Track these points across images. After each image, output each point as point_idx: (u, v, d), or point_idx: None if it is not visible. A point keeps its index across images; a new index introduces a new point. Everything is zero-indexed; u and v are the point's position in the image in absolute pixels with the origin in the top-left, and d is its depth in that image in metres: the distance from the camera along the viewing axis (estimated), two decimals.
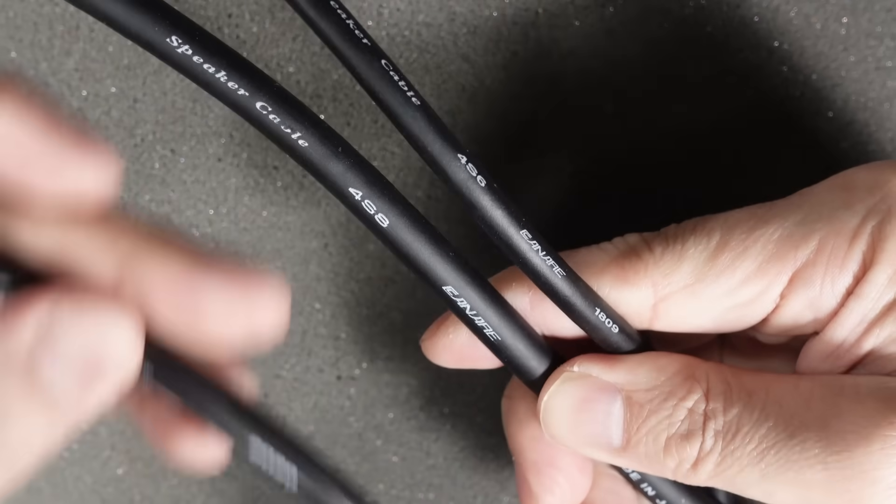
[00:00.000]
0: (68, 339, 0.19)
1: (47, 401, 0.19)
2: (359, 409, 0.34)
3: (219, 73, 0.22)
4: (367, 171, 0.23)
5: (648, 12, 0.31)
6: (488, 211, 0.24)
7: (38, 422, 0.19)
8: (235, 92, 0.22)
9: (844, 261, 0.24)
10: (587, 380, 0.25)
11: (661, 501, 0.28)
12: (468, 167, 0.23)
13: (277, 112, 0.22)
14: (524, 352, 0.26)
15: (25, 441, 0.20)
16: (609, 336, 0.26)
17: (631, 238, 0.27)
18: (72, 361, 0.19)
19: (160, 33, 0.21)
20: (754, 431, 0.23)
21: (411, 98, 0.23)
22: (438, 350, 0.27)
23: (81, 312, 0.19)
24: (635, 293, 0.25)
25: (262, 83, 0.22)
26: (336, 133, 0.23)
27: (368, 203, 0.23)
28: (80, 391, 0.20)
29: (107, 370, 0.20)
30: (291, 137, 0.23)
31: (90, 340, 0.19)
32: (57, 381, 0.19)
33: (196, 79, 0.22)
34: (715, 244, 0.25)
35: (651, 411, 0.24)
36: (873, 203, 0.24)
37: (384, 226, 0.24)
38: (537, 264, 0.24)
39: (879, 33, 0.31)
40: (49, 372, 0.19)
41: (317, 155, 0.23)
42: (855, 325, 0.24)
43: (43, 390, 0.19)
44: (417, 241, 0.24)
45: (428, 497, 0.35)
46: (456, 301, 0.25)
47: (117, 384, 0.20)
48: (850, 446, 0.23)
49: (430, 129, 0.23)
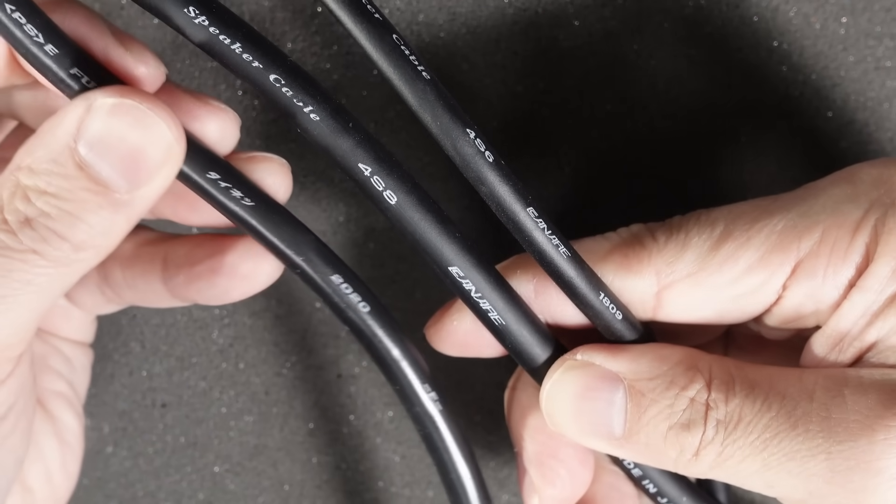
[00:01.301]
0: (105, 132, 0.21)
1: (102, 191, 0.21)
2: (359, 408, 0.34)
3: (234, 45, 0.22)
4: (377, 147, 0.23)
5: (648, 12, 0.31)
6: (495, 187, 0.24)
7: (104, 214, 0.21)
8: (250, 64, 0.22)
9: (847, 252, 0.24)
10: (590, 368, 0.25)
11: (662, 499, 0.28)
12: (476, 142, 0.23)
13: (290, 85, 0.23)
14: (528, 338, 0.26)
15: (99, 231, 0.22)
16: (612, 323, 0.25)
17: (635, 227, 0.27)
18: (113, 152, 0.21)
19: (177, 4, 0.21)
20: (756, 421, 0.23)
21: (422, 72, 0.23)
22: (442, 337, 0.27)
23: (117, 108, 0.21)
24: (638, 281, 0.25)
25: (277, 56, 0.23)
26: (347, 109, 0.23)
27: (377, 179, 0.23)
28: (129, 181, 0.21)
29: (150, 162, 0.21)
30: (303, 111, 0.23)
31: (128, 134, 0.21)
32: (104, 171, 0.21)
33: (212, 50, 0.22)
34: (718, 234, 0.25)
35: (653, 400, 0.24)
36: (877, 196, 0.24)
37: (392, 203, 0.24)
38: (542, 243, 0.24)
39: (879, 33, 0.31)
40: (91, 159, 0.21)
41: (328, 129, 0.23)
42: (858, 317, 0.24)
43: (94, 178, 0.21)
44: (425, 220, 0.24)
45: (427, 495, 0.35)
46: (461, 283, 0.25)
47: (163, 177, 0.22)
48: (853, 437, 0.22)
49: (439, 103, 0.23)
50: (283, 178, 0.26)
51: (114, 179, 0.21)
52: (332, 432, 0.34)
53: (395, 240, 0.33)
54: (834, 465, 0.23)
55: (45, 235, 0.21)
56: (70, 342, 0.30)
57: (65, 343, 0.30)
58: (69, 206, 0.21)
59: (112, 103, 0.21)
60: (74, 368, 0.30)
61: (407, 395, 0.27)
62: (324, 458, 0.35)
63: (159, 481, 0.35)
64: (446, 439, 0.27)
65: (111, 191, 0.21)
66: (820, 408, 0.23)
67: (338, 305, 0.25)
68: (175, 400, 0.34)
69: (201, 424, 0.34)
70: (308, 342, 0.34)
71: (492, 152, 0.24)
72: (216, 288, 0.27)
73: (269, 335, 0.34)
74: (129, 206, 0.22)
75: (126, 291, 0.29)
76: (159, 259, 0.28)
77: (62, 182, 0.21)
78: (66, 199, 0.21)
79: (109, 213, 0.22)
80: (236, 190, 0.24)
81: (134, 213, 0.22)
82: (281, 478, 0.35)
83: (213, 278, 0.27)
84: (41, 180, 0.21)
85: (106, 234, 0.22)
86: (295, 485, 0.35)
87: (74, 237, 0.21)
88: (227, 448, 0.34)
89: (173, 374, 0.34)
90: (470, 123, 0.23)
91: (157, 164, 0.22)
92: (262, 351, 0.34)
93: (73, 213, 0.21)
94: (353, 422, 0.34)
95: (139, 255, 0.29)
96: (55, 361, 0.30)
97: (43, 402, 0.29)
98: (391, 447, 0.34)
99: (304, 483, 0.35)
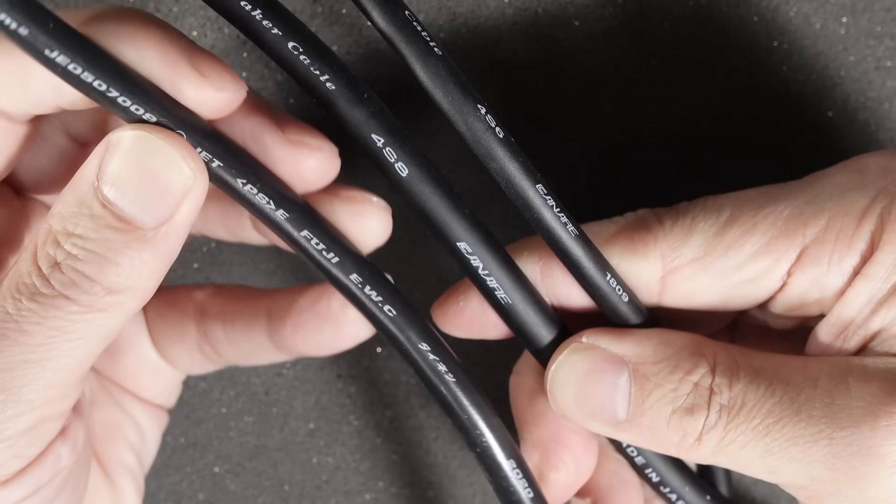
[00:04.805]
0: (123, 168, 0.21)
1: (127, 228, 0.21)
2: (359, 408, 0.34)
3: (255, 12, 0.22)
4: (391, 120, 0.24)
5: (648, 12, 0.31)
6: (505, 163, 0.24)
7: (131, 253, 0.21)
8: (269, 31, 0.22)
9: (852, 240, 0.24)
10: (595, 351, 0.25)
11: (664, 488, 0.28)
12: (487, 118, 0.23)
13: (308, 54, 0.23)
14: (533, 318, 0.26)
15: (128, 271, 0.21)
16: (618, 305, 0.25)
17: (641, 212, 0.27)
18: (133, 187, 0.21)
19: None
20: (760, 407, 0.23)
21: (433, 48, 0.23)
22: (448, 317, 0.27)
23: (133, 144, 0.21)
24: (644, 265, 0.25)
25: (296, 25, 0.23)
26: (361, 81, 0.23)
27: (389, 151, 0.24)
28: (152, 216, 0.21)
29: (171, 196, 0.21)
30: (320, 80, 0.23)
31: (146, 169, 0.21)
32: (126, 207, 0.21)
33: (231, 17, 0.22)
34: (724, 219, 0.25)
35: (657, 384, 0.24)
36: (884, 185, 0.24)
37: (403, 175, 0.24)
38: (550, 220, 0.24)
39: (879, 33, 0.31)
40: (114, 196, 0.21)
41: (343, 99, 0.23)
42: (862, 306, 0.24)
43: (117, 216, 0.21)
44: (435, 194, 0.24)
45: (427, 495, 0.35)
46: (469, 259, 0.25)
47: (186, 210, 0.22)
48: (856, 423, 0.22)
49: (451, 78, 0.23)
50: (382, 222, 0.26)
51: (137, 215, 0.21)
52: (332, 432, 0.34)
53: (395, 240, 0.33)
54: (836, 451, 0.23)
55: (75, 279, 0.21)
56: (149, 406, 0.30)
57: (142, 408, 0.30)
58: (96, 247, 0.21)
59: (129, 138, 0.21)
60: (146, 440, 0.30)
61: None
62: (324, 458, 0.35)
63: (159, 481, 0.35)
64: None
65: (135, 227, 0.21)
66: (823, 394, 0.23)
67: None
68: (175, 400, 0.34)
69: (201, 425, 0.34)
70: None
71: (502, 129, 0.24)
72: (324, 335, 0.27)
73: None
74: (156, 243, 0.21)
75: (227, 348, 0.29)
76: (263, 312, 0.28)
77: (88, 222, 0.21)
78: (92, 240, 0.21)
79: (137, 252, 0.21)
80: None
81: (163, 249, 0.22)
82: (281, 478, 0.35)
83: (321, 325, 0.27)
84: (69, 223, 0.21)
85: (138, 275, 0.22)
86: (295, 485, 0.35)
87: (105, 279, 0.21)
88: (227, 448, 0.34)
89: None
90: (481, 100, 0.23)
91: (177, 197, 0.21)
92: None
93: (101, 252, 0.21)
94: (353, 422, 0.34)
95: (241, 310, 0.29)
96: (129, 432, 0.30)
97: (108, 471, 0.29)
98: (391, 447, 0.34)
99: (304, 483, 0.35)
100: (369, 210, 0.26)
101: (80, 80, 0.20)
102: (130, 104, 0.21)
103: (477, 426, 0.26)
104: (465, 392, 0.26)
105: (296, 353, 0.28)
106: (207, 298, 0.29)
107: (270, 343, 0.28)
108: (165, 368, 0.30)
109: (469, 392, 0.26)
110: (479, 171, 0.25)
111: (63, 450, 0.23)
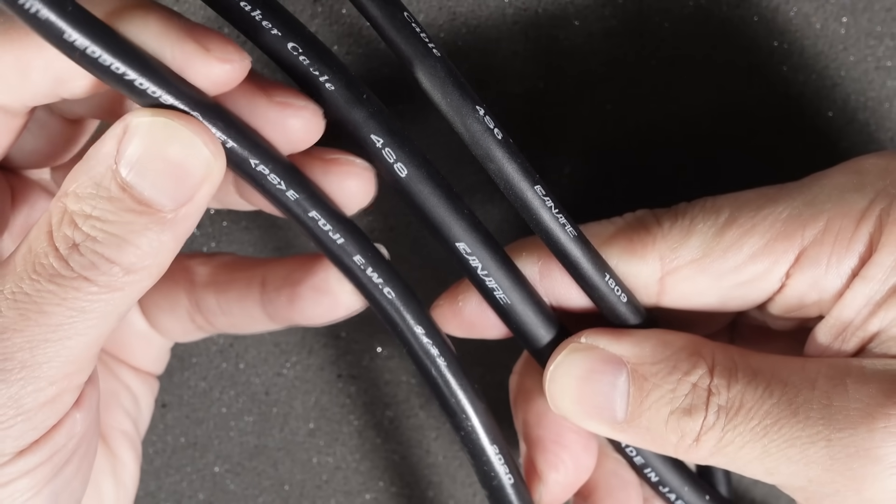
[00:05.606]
0: (143, 151, 0.21)
1: (147, 211, 0.21)
2: (359, 408, 0.34)
3: (255, 12, 0.22)
4: (390, 120, 0.24)
5: (648, 12, 0.31)
6: (504, 164, 0.24)
7: (150, 235, 0.21)
8: (269, 31, 0.22)
9: (851, 242, 0.24)
10: (594, 351, 0.25)
11: (663, 488, 0.28)
12: (485, 119, 0.24)
13: (308, 54, 0.23)
14: (532, 319, 0.26)
15: (147, 253, 0.21)
16: (616, 306, 0.26)
17: (640, 212, 0.27)
18: (153, 171, 0.21)
19: None
20: (758, 408, 0.23)
21: (432, 49, 0.23)
22: (448, 317, 0.27)
23: (153, 127, 0.21)
24: (642, 265, 0.25)
25: (296, 25, 0.23)
26: (361, 82, 0.24)
27: (388, 151, 0.24)
28: (172, 199, 0.21)
29: (191, 179, 0.21)
30: (319, 80, 0.23)
31: (166, 152, 0.21)
32: (146, 190, 0.21)
33: (231, 17, 0.22)
34: (723, 220, 0.25)
35: (655, 385, 0.24)
36: (882, 186, 0.24)
37: (402, 175, 0.24)
38: (549, 221, 0.24)
39: (879, 33, 0.31)
40: (133, 179, 0.21)
41: (342, 99, 0.23)
42: (861, 307, 0.24)
43: (137, 199, 0.21)
44: (434, 194, 0.24)
45: (427, 495, 0.35)
46: (468, 259, 0.25)
47: (205, 192, 0.22)
48: (853, 424, 0.23)
49: (449, 79, 0.23)
50: (365, 182, 0.25)
51: (157, 198, 0.21)
52: (332, 432, 0.34)
53: (394, 240, 0.33)
54: (834, 453, 0.23)
55: (95, 260, 0.21)
56: (140, 374, 0.30)
57: (135, 376, 0.30)
58: (115, 229, 0.21)
59: (148, 122, 0.21)
60: (140, 407, 0.30)
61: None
62: (324, 458, 0.35)
63: (159, 481, 0.35)
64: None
65: (155, 210, 0.21)
66: (821, 396, 0.23)
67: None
68: (175, 400, 0.34)
69: (201, 424, 0.34)
70: (308, 342, 0.34)
71: (500, 130, 0.24)
72: (320, 306, 0.27)
73: (269, 335, 0.34)
74: (175, 225, 0.22)
75: (219, 318, 0.29)
76: (257, 282, 0.28)
77: (107, 205, 0.21)
78: (111, 222, 0.21)
79: (156, 234, 0.21)
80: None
81: (180, 230, 0.22)
82: (281, 478, 0.35)
83: (317, 297, 0.27)
84: (86, 204, 0.21)
85: (155, 255, 0.22)
86: (295, 485, 0.35)
87: (124, 260, 0.21)
88: (227, 448, 0.35)
89: (173, 374, 0.34)
90: (479, 101, 0.24)
91: (197, 180, 0.21)
92: (262, 351, 0.34)
93: (120, 235, 0.21)
94: (353, 422, 0.34)
95: (235, 279, 0.28)
96: (124, 399, 0.30)
97: (106, 439, 0.29)
98: (391, 447, 0.34)
99: (304, 483, 0.35)
100: (353, 171, 0.25)
101: (97, 64, 0.20)
102: (147, 87, 0.21)
103: (464, 409, 0.26)
104: (454, 374, 0.26)
105: (289, 323, 0.28)
106: (198, 267, 0.29)
107: (264, 313, 0.28)
108: (155, 337, 0.30)
109: (457, 375, 0.26)
110: (478, 171, 0.25)
111: (78, 416, 0.24)
